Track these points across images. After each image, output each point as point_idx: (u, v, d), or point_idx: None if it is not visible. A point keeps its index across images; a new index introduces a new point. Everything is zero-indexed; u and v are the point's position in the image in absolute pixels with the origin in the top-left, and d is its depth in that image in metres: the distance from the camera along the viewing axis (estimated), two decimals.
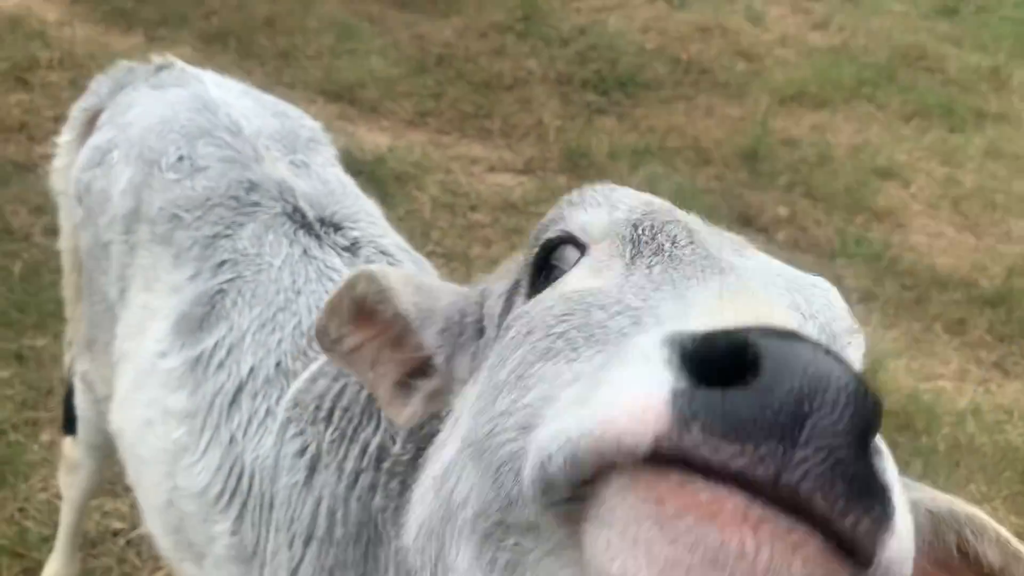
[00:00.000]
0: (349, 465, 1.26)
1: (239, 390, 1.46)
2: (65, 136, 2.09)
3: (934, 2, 11.42)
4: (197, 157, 1.68)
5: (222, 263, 1.57)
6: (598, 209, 0.92)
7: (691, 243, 0.84)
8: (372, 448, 1.24)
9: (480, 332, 1.00)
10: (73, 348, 2.19)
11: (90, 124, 1.97)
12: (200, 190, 1.63)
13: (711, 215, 4.32)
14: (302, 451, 1.32)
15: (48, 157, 4.88)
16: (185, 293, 1.57)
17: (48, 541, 2.64)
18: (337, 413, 1.31)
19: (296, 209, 1.61)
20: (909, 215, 6.25)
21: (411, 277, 1.08)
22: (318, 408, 1.33)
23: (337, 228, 1.58)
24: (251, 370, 1.46)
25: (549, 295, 0.83)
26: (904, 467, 2.47)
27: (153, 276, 1.63)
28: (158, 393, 1.56)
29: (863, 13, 10.30)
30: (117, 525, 2.86)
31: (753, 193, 6.04)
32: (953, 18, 10.78)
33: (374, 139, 5.73)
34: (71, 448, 2.34)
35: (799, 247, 5.56)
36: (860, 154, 6.87)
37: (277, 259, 1.54)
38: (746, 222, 5.74)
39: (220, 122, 1.73)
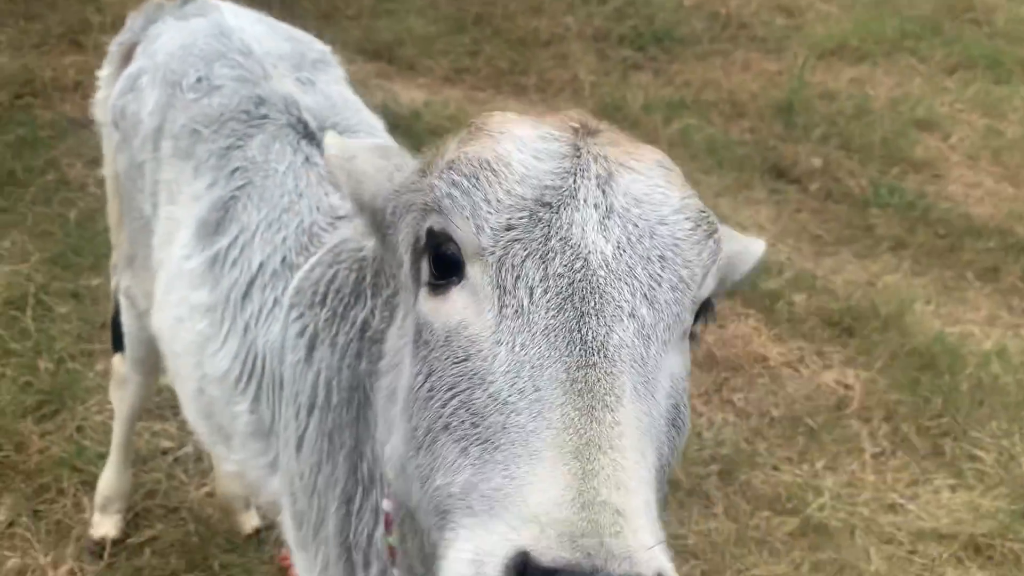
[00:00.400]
0: (340, 339, 1.41)
1: (251, 284, 1.62)
2: (104, 70, 2.27)
3: None
4: (213, 78, 1.84)
5: (235, 171, 1.72)
6: (466, 223, 0.94)
7: (545, 292, 0.90)
8: (358, 323, 1.39)
9: (387, 236, 1.11)
10: (117, 269, 2.39)
11: (126, 57, 2.15)
12: (216, 107, 1.79)
13: (743, 166, 4.47)
14: (302, 332, 1.48)
15: None
16: (203, 201, 1.73)
17: (103, 458, 2.87)
18: (331, 296, 1.45)
19: (300, 120, 1.75)
20: (947, 166, 6.18)
21: (350, 160, 1.16)
22: (315, 293, 1.48)
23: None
24: (260, 265, 1.62)
25: (443, 318, 0.94)
26: (924, 404, 2.59)
27: (176, 188, 1.80)
28: (185, 292, 1.73)
29: None
30: (166, 444, 3.08)
31: (787, 145, 6.03)
32: None
33: (411, 95, 5.85)
34: (120, 364, 2.55)
35: (831, 197, 5.56)
36: (899, 106, 6.79)
37: (282, 165, 1.69)
38: (779, 173, 5.75)
39: (234, 45, 1.88)
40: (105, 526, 2.71)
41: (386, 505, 1.25)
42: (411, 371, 0.99)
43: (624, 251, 0.92)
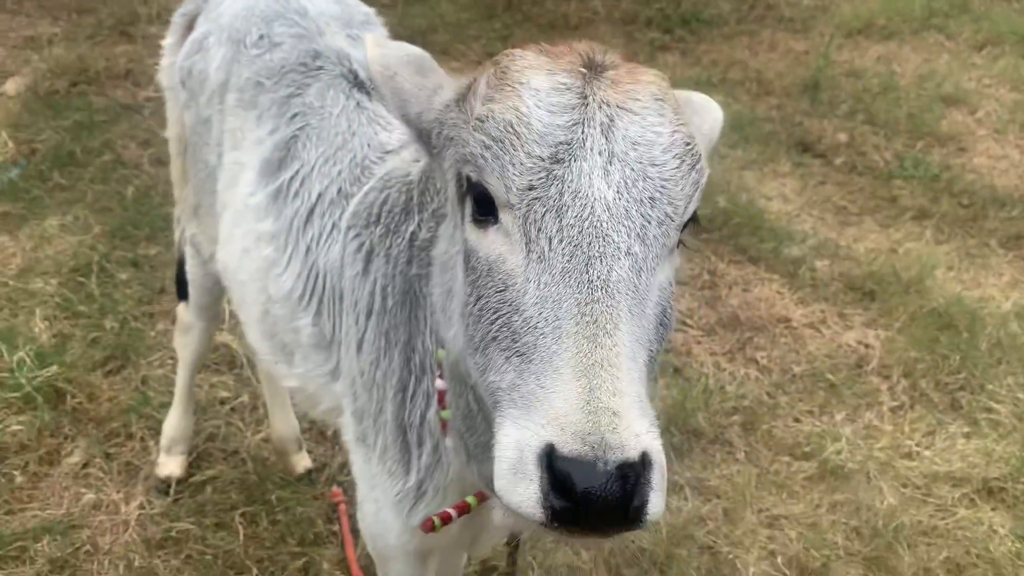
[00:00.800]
0: (394, 251, 1.61)
1: (311, 212, 1.83)
2: (168, 39, 2.50)
3: None
4: (274, 35, 2.05)
5: (294, 115, 1.93)
6: (497, 182, 1.14)
7: (560, 241, 1.10)
8: (408, 235, 1.59)
9: (437, 156, 1.30)
10: (181, 221, 2.62)
11: (188, 28, 2.38)
12: (277, 61, 2.00)
13: (769, 141, 4.64)
14: (359, 248, 1.68)
15: (152, 99, 5.40)
16: (266, 144, 1.94)
17: (166, 407, 3.11)
18: (383, 215, 1.65)
19: (351, 71, 1.96)
20: (973, 140, 6.23)
21: (392, 78, 1.34)
22: (369, 214, 1.68)
23: None
24: (319, 195, 1.82)
25: (485, 250, 1.16)
26: (942, 361, 2.77)
27: (241, 135, 2.01)
28: (251, 225, 1.94)
29: None
30: (223, 395, 3.32)
31: (812, 120, 6.14)
32: None
33: None
34: (184, 312, 2.78)
35: (856, 170, 5.66)
36: (926, 82, 6.84)
37: (336, 109, 1.89)
38: (804, 148, 5.87)
39: (291, 7, 2.09)
40: (170, 466, 2.96)
41: (439, 384, 1.46)
42: (464, 290, 1.21)
43: (622, 195, 1.12)
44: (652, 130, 1.16)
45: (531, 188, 1.13)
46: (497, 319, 1.13)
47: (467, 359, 1.22)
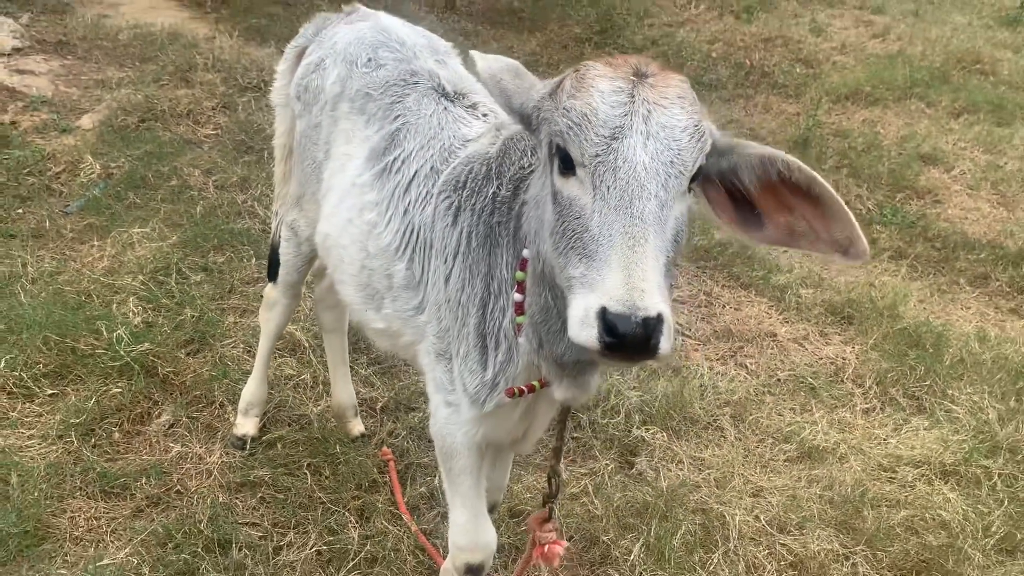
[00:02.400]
0: (478, 206, 2.16)
1: (409, 183, 2.38)
2: (281, 67, 3.10)
3: (997, 14, 11.93)
4: (379, 58, 2.64)
5: (396, 116, 2.50)
6: (576, 150, 1.68)
7: (615, 187, 1.64)
8: (489, 194, 2.16)
9: (535, 131, 1.86)
10: (279, 213, 3.18)
11: (298, 58, 2.98)
12: (382, 77, 2.58)
13: None
14: (450, 207, 2.22)
15: (210, 136, 6.03)
16: (373, 139, 2.51)
17: (241, 380, 3.64)
18: (469, 181, 2.21)
19: (440, 85, 2.53)
20: (948, 194, 6.82)
21: (499, 82, 1.89)
22: (457, 181, 2.24)
23: (463, 96, 2.50)
24: (415, 172, 2.38)
25: (567, 191, 1.70)
26: (910, 372, 3.46)
27: (352, 135, 2.59)
28: (356, 200, 2.50)
29: (924, 24, 10.89)
30: (289, 372, 3.86)
31: None
32: (1015, 27, 11.27)
33: None
34: (271, 291, 3.31)
35: None
36: (906, 143, 7.48)
37: (428, 111, 2.46)
38: None
39: (392, 38, 2.69)
40: (246, 426, 3.48)
41: (517, 297, 2.02)
42: (552, 217, 1.77)
43: (654, 160, 1.69)
44: (675, 118, 1.73)
45: (597, 155, 1.69)
46: (574, 235, 1.68)
47: (552, 263, 1.77)
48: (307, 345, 3.97)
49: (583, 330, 1.56)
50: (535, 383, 2.12)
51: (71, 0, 8.08)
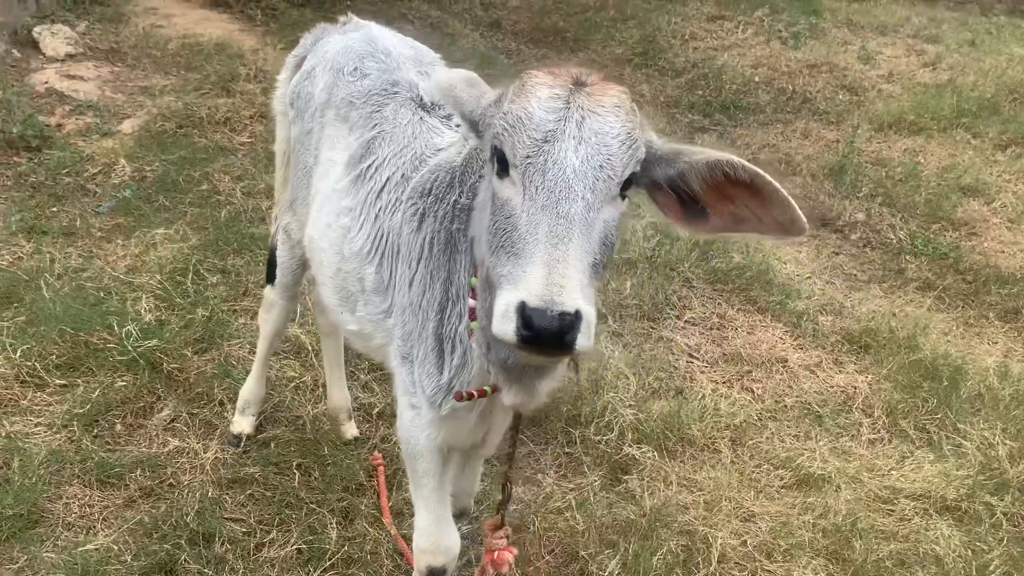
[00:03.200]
0: (440, 213, 2.21)
1: (381, 189, 2.44)
2: (282, 75, 3.20)
3: None
4: (364, 68, 2.71)
5: (374, 125, 2.57)
6: (511, 150, 1.73)
7: (543, 188, 1.69)
8: (451, 201, 2.21)
9: (481, 136, 1.91)
10: (278, 218, 3.27)
11: (297, 67, 3.07)
12: (365, 86, 2.65)
13: None
14: (415, 213, 2.27)
15: (244, 144, 6.19)
16: (353, 146, 2.59)
17: (242, 379, 3.72)
18: (434, 189, 2.26)
19: (418, 96, 2.59)
20: (986, 226, 6.65)
21: (452, 90, 1.96)
22: (424, 189, 2.29)
23: (440, 107, 2.56)
24: (387, 179, 2.44)
25: (502, 193, 1.74)
26: (922, 404, 3.40)
27: (335, 141, 2.66)
28: (335, 204, 2.57)
29: (978, 54, 10.67)
30: (291, 374, 3.94)
31: (834, 199, 6.65)
32: None
33: None
34: (270, 293, 3.39)
35: (869, 244, 6.15)
36: (947, 174, 7.31)
37: (404, 121, 2.53)
38: (823, 223, 6.38)
39: (378, 48, 2.76)
40: (242, 424, 3.56)
41: (471, 303, 2.06)
42: (489, 217, 1.82)
43: (583, 163, 1.72)
44: (608, 125, 1.76)
45: (528, 156, 1.73)
46: (504, 234, 1.73)
47: (488, 262, 1.82)
48: (310, 348, 4.05)
49: (503, 324, 1.61)
50: (486, 388, 2.15)
51: (127, 11, 8.38)
